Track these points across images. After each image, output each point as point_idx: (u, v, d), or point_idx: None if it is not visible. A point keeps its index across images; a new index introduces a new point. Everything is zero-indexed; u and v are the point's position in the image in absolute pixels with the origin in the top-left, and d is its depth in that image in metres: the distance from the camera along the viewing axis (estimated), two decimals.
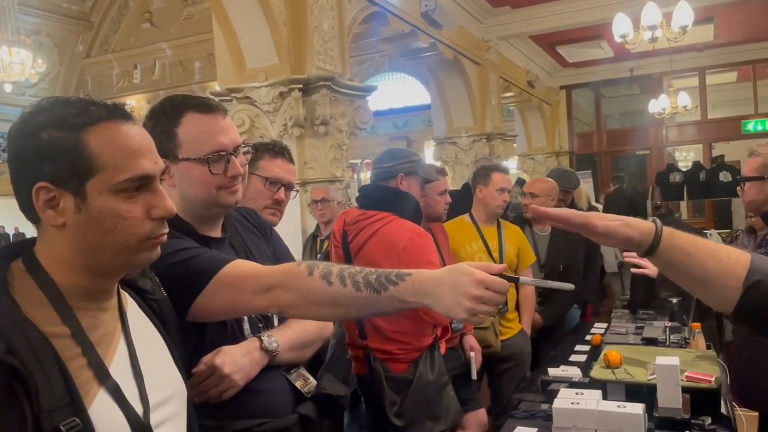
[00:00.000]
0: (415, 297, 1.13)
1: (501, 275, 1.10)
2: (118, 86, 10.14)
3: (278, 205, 2.06)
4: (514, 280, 1.15)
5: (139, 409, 0.94)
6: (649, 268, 2.47)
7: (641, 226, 1.19)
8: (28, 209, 0.93)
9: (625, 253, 2.67)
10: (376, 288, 1.14)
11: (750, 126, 11.12)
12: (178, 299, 1.19)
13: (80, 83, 10.39)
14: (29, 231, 1.19)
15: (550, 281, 1.19)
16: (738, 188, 2.47)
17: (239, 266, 1.27)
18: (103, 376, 0.92)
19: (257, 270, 1.26)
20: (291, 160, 2.12)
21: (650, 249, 1.18)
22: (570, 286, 1.16)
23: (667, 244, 1.18)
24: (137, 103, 9.84)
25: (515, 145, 9.66)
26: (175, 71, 9.72)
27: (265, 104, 4.31)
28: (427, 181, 2.56)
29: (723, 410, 2.08)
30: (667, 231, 1.19)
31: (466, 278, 1.08)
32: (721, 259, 1.17)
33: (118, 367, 0.95)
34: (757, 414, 2.47)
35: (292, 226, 4.09)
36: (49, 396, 0.83)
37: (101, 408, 0.89)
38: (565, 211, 1.20)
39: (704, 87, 11.53)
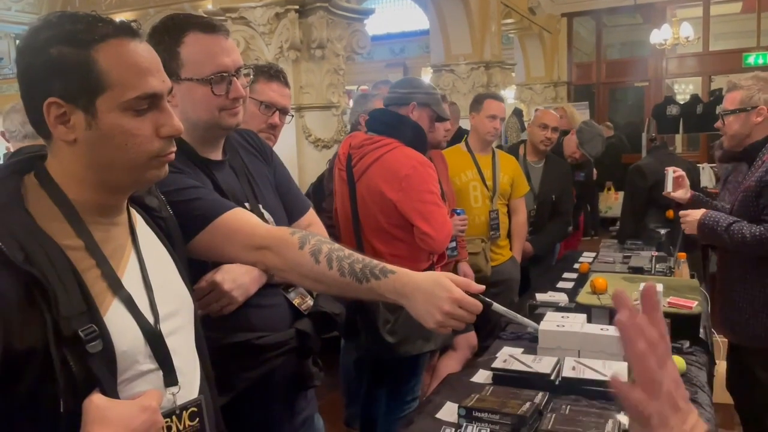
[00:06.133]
0: (392, 295, 1.20)
1: (476, 296, 1.18)
2: (107, 3, 9.76)
3: (273, 130, 2.06)
4: (488, 304, 1.21)
5: (150, 319, 0.99)
6: (689, 220, 2.47)
7: None
8: (40, 124, 0.95)
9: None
10: (359, 278, 1.20)
11: (751, 59, 10.94)
12: None
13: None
14: None
15: (519, 316, 1.27)
16: (717, 123, 2.51)
17: (236, 217, 1.30)
18: (117, 287, 0.96)
19: (252, 226, 1.29)
20: (287, 84, 2.11)
21: None
22: (536, 325, 1.23)
23: None
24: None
25: (513, 75, 9.51)
26: None
27: (261, 25, 4.22)
28: (439, 118, 2.56)
29: (701, 335, 2.18)
30: None
31: (444, 294, 1.16)
32: None
33: (130, 279, 0.99)
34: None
35: (286, 151, 4.09)
36: (67, 303, 0.88)
37: (115, 316, 0.94)
38: None
39: (708, 17, 11.28)
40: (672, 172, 2.59)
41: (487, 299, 1.21)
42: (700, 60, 11.60)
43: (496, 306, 1.24)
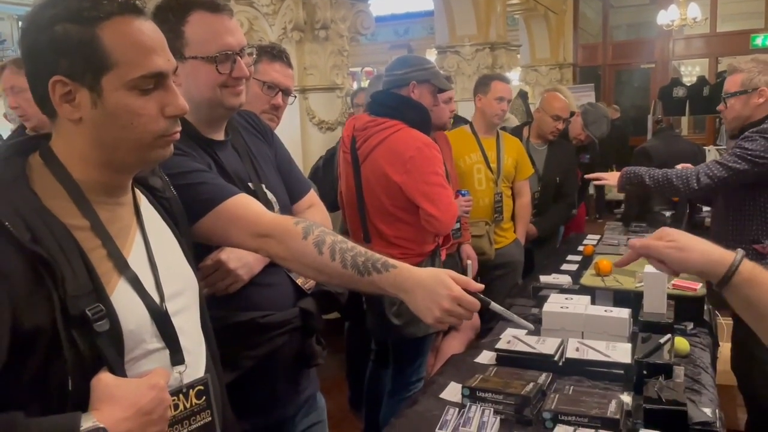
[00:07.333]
0: (393, 289, 1.22)
1: (475, 295, 1.19)
2: None
3: (275, 111, 2.05)
4: (486, 303, 1.23)
5: (156, 299, 1.00)
6: (608, 179, 2.74)
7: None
8: (45, 103, 0.94)
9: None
10: (361, 270, 1.21)
11: (758, 40, 10.82)
12: None
13: None
14: None
15: (515, 316, 1.28)
16: (720, 106, 2.53)
17: (240, 203, 1.30)
18: (123, 267, 0.96)
19: (256, 213, 1.30)
20: (289, 65, 2.10)
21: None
22: (530, 327, 1.30)
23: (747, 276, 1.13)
24: None
25: (519, 56, 9.43)
26: None
27: (264, 6, 4.18)
28: (440, 90, 2.54)
29: (705, 317, 2.19)
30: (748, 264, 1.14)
31: (444, 291, 1.18)
32: None
33: (136, 259, 0.99)
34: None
35: (290, 133, 4.07)
36: (74, 283, 0.88)
37: (122, 296, 0.95)
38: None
39: None
40: None
41: (485, 298, 1.23)
42: (707, 41, 11.49)
43: (494, 305, 1.26)
